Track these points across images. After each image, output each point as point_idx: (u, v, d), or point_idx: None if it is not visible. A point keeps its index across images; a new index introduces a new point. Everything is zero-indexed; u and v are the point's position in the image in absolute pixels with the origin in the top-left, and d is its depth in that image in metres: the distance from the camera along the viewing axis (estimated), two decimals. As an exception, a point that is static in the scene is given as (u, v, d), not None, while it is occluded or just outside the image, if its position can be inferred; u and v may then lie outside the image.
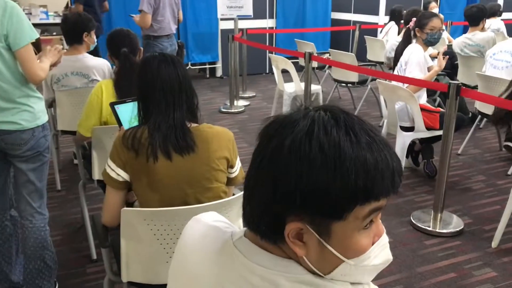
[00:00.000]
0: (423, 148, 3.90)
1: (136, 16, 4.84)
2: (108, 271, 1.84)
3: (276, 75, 5.17)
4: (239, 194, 1.71)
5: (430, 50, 4.31)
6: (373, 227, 0.76)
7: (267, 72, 7.95)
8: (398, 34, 5.31)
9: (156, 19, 4.79)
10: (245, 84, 6.65)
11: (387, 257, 0.80)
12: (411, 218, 3.16)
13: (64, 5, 7.83)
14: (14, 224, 2.32)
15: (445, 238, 2.97)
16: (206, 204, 1.61)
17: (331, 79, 5.78)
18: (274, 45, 7.96)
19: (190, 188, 1.64)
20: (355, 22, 8.00)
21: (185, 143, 1.61)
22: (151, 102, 1.65)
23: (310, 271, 0.76)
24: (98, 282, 2.52)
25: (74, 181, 3.72)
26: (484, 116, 4.17)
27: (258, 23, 7.58)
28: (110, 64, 3.12)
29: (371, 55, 6.26)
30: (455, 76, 5.29)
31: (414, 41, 3.68)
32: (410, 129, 3.57)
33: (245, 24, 7.00)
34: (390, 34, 5.89)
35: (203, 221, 0.93)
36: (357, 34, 6.99)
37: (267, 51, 7.49)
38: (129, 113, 1.98)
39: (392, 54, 4.84)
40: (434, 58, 4.99)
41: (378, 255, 0.78)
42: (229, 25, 7.11)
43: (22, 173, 2.14)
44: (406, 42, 3.73)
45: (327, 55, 6.06)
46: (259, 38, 7.42)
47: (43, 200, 2.23)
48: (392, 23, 5.95)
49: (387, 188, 0.72)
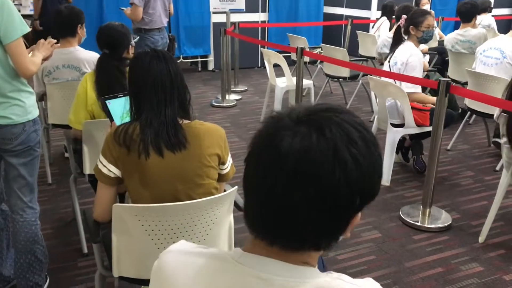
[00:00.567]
0: (412, 144, 3.94)
1: (127, 9, 4.81)
2: (99, 266, 1.85)
3: (268, 69, 5.17)
4: (231, 191, 1.72)
5: (421, 46, 4.33)
6: None
7: (259, 66, 7.94)
8: (390, 30, 5.33)
9: (147, 12, 4.76)
10: (237, 78, 6.65)
11: None
12: (400, 213, 3.19)
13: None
14: (5, 218, 2.33)
15: (433, 233, 3.01)
16: (197, 201, 1.63)
17: (323, 74, 5.80)
18: (266, 39, 7.95)
19: (182, 184, 1.65)
20: (347, 17, 8.02)
21: (176, 140, 1.62)
22: (142, 98, 1.65)
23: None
24: (89, 276, 2.52)
25: (65, 174, 3.71)
26: (474, 112, 4.22)
27: (250, 17, 7.57)
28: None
29: (362, 50, 6.28)
30: (445, 71, 5.34)
31: (405, 38, 3.69)
32: (400, 125, 3.60)
33: (237, 17, 6.98)
34: (382, 29, 5.91)
35: (185, 250, 0.88)
36: (349, 29, 7.01)
37: (259, 45, 7.49)
38: (120, 108, 1.98)
39: (384, 50, 4.88)
40: (425, 54, 5.04)
41: None
42: (221, 18, 7.08)
43: (13, 167, 2.13)
44: (398, 40, 3.73)
45: (319, 50, 6.08)
46: (252, 31, 7.41)
47: (34, 194, 2.23)
48: (384, 18, 5.97)
49: None
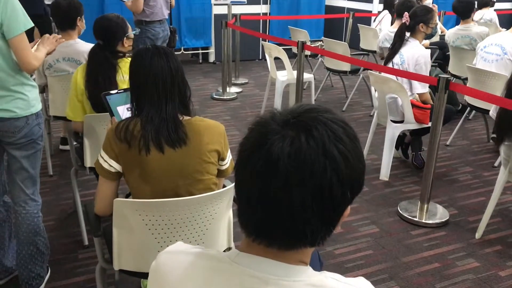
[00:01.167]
0: (412, 141, 3.96)
1: (128, 0, 4.80)
2: (100, 259, 1.88)
3: (269, 63, 5.17)
4: (230, 186, 1.75)
5: (423, 41, 4.34)
6: None
7: (260, 58, 7.94)
8: (392, 24, 5.32)
9: (148, 4, 4.76)
10: (237, 70, 6.65)
11: None
12: (398, 208, 3.22)
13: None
14: (7, 210, 2.35)
15: (430, 228, 3.04)
16: (197, 196, 1.65)
17: (324, 67, 5.80)
18: (267, 31, 7.94)
19: (182, 180, 1.68)
20: (349, 9, 8.00)
21: (177, 136, 1.64)
22: (143, 95, 1.67)
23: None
24: (89, 268, 2.56)
25: (65, 166, 3.74)
26: (474, 108, 4.23)
27: (252, 9, 7.55)
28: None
29: (364, 44, 6.27)
30: (446, 66, 5.34)
31: (408, 34, 3.68)
32: (400, 121, 3.62)
33: (238, 9, 6.98)
34: (384, 23, 5.91)
35: (181, 251, 0.90)
36: (350, 22, 7.00)
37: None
38: (121, 103, 2.00)
39: (385, 44, 4.87)
40: (427, 48, 5.04)
41: None
42: (222, 10, 7.07)
43: (15, 160, 2.16)
44: (403, 38, 3.69)
45: (320, 43, 6.08)
46: (253, 23, 7.40)
47: (36, 187, 2.26)
48: (386, 11, 5.96)
49: None
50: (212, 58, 7.69)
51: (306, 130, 0.76)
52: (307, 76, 5.00)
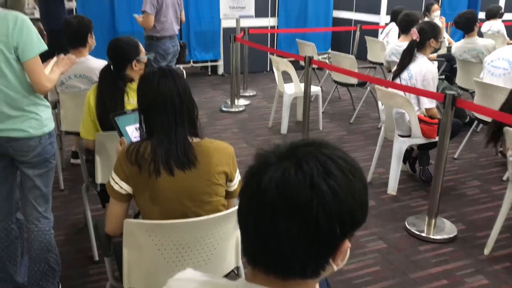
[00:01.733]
0: (419, 155, 3.97)
1: (139, 16, 4.88)
2: (110, 278, 1.92)
3: (276, 76, 5.22)
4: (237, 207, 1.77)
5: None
6: None
7: (268, 70, 8.00)
8: (399, 37, 5.35)
9: (159, 20, 4.83)
10: (246, 82, 6.71)
11: None
12: (406, 223, 3.23)
13: None
14: (20, 227, 2.40)
15: (438, 244, 3.04)
16: (206, 217, 1.68)
17: (331, 79, 5.83)
18: (275, 43, 8.01)
19: (190, 201, 1.71)
20: (356, 22, 8.05)
21: (186, 159, 1.67)
22: (153, 118, 1.70)
23: None
24: (100, 284, 2.59)
25: (76, 180, 3.79)
26: (481, 122, 4.23)
27: (260, 22, 7.63)
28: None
29: (371, 56, 6.31)
30: (454, 78, 5.35)
31: (415, 50, 3.70)
32: (407, 135, 3.64)
33: (247, 22, 7.05)
34: (391, 36, 5.93)
35: (190, 278, 0.93)
36: (357, 35, 7.04)
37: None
38: (130, 123, 2.04)
39: (392, 58, 4.89)
40: (434, 61, 5.07)
41: None
42: (231, 23, 7.15)
43: (28, 178, 2.21)
44: (412, 55, 3.70)
45: (327, 56, 6.11)
46: (261, 36, 7.47)
47: (48, 204, 2.31)
48: (393, 24, 5.98)
49: None
50: (220, 71, 7.77)
51: (297, 163, 0.80)
52: (315, 89, 5.04)
